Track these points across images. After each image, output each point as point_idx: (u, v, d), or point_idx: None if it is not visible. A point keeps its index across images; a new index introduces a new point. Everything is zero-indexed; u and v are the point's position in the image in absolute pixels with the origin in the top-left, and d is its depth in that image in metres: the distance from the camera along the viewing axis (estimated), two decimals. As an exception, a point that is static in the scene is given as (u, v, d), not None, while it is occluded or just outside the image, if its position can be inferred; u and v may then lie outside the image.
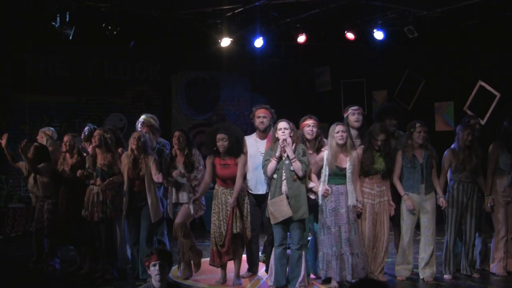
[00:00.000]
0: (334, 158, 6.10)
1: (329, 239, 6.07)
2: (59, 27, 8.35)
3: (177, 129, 6.76)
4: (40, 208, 7.13)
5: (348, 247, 6.05)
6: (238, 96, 12.07)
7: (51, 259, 7.09)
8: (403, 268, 6.53)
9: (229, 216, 6.17)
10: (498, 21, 8.73)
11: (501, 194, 6.67)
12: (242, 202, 6.28)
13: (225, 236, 6.18)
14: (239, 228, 6.17)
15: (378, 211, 6.35)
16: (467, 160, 6.49)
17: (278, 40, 10.69)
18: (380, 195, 6.36)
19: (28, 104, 10.26)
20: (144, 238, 6.49)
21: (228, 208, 6.18)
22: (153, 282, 4.40)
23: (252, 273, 6.68)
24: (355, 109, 6.63)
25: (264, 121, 6.45)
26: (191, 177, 6.47)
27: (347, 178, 6.11)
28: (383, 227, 6.36)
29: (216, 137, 6.18)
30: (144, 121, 7.19)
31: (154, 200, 6.47)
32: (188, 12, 9.18)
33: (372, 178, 6.34)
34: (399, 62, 10.66)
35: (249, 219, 6.31)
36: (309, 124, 6.32)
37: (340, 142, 6.08)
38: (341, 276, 6.06)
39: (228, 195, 6.21)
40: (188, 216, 6.53)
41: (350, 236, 6.08)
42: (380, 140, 6.23)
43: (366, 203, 6.30)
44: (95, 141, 6.63)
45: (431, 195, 6.48)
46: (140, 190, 6.49)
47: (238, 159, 6.21)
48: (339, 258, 6.04)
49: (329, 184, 6.11)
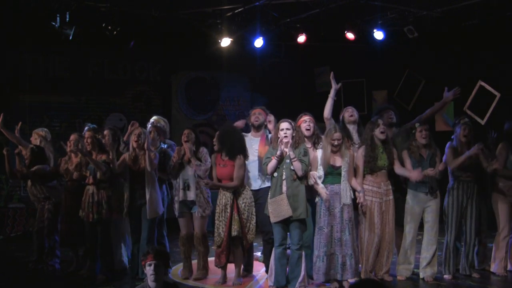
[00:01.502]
0: (328, 158, 6.11)
1: (319, 240, 6.07)
2: (59, 27, 8.35)
3: (187, 127, 6.81)
4: (42, 208, 7.16)
5: (339, 247, 6.04)
6: (238, 96, 12.06)
7: (50, 259, 7.10)
8: (404, 268, 6.53)
9: (228, 219, 6.20)
10: (498, 21, 8.73)
11: (506, 194, 6.67)
12: (244, 206, 6.29)
13: (223, 237, 6.22)
14: (237, 232, 6.19)
15: (385, 210, 6.35)
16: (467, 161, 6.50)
17: (278, 40, 10.68)
18: (387, 193, 6.36)
19: (28, 104, 10.26)
20: (145, 238, 6.51)
21: (227, 211, 6.22)
22: (148, 282, 4.41)
23: (247, 272, 6.69)
24: (349, 107, 6.84)
25: (259, 118, 6.66)
26: (196, 163, 6.44)
27: (342, 176, 6.10)
28: (388, 226, 6.36)
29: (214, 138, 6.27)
30: (154, 121, 7.21)
31: (153, 196, 6.48)
32: (188, 12, 9.18)
33: (377, 176, 6.33)
34: (399, 62, 10.66)
35: (252, 223, 6.33)
36: (306, 120, 6.35)
37: (335, 149, 6.12)
38: (328, 275, 6.06)
39: (228, 198, 6.25)
40: (204, 224, 6.58)
41: (343, 236, 6.06)
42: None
43: (374, 201, 6.30)
44: (88, 144, 6.65)
45: (436, 194, 6.48)
46: (140, 187, 6.51)
47: (236, 160, 6.27)
48: (328, 258, 6.04)
49: (325, 184, 6.11)
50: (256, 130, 6.69)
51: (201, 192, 6.49)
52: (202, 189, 6.49)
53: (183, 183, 6.53)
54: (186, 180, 6.52)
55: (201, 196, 6.47)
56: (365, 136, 6.42)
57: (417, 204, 6.45)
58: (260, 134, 6.67)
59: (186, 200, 6.55)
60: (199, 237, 6.52)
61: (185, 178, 6.53)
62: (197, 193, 6.48)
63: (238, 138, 6.41)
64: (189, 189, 6.51)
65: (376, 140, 6.36)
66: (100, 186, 6.59)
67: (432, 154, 6.46)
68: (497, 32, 8.95)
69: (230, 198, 6.25)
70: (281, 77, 11.77)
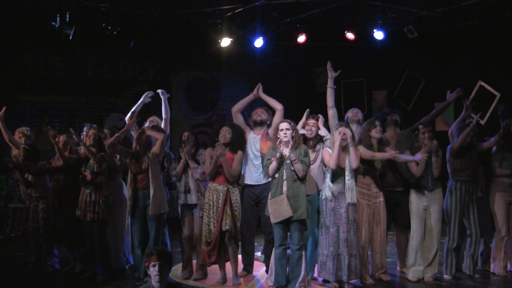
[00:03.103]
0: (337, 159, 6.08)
1: (327, 239, 6.07)
2: (59, 27, 8.36)
3: (186, 130, 6.88)
4: (34, 208, 7.16)
5: (346, 248, 6.04)
6: (238, 96, 11.97)
7: (49, 259, 7.10)
8: (416, 269, 6.48)
9: (220, 213, 6.21)
10: (498, 21, 8.73)
11: (503, 194, 6.68)
12: (235, 202, 6.32)
13: (213, 233, 6.22)
14: (229, 226, 6.20)
15: (374, 212, 6.36)
16: (468, 159, 6.51)
17: (278, 40, 10.69)
18: (376, 196, 6.37)
19: (28, 104, 10.26)
20: (153, 239, 6.49)
21: (219, 206, 6.22)
22: (152, 283, 4.40)
23: (247, 272, 6.71)
24: (354, 108, 6.99)
25: (261, 116, 6.72)
26: (192, 165, 6.46)
27: (346, 176, 6.09)
28: (378, 228, 6.37)
29: (221, 129, 6.40)
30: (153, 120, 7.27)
31: (157, 193, 6.46)
32: (188, 12, 9.18)
33: (368, 178, 6.34)
34: (399, 62, 10.66)
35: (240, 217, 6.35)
36: (309, 123, 6.48)
37: (343, 143, 6.08)
38: (336, 276, 6.06)
39: (221, 193, 6.25)
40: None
41: (349, 237, 6.06)
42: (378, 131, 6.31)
43: (362, 203, 6.32)
44: (89, 140, 6.66)
45: (439, 193, 6.48)
46: (143, 187, 6.51)
47: (236, 154, 6.32)
48: (335, 258, 6.04)
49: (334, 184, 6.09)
50: (258, 127, 6.72)
51: (202, 195, 6.49)
52: (202, 192, 6.49)
53: (184, 186, 6.54)
54: (187, 183, 6.53)
55: (202, 198, 6.47)
56: (361, 136, 6.43)
57: (421, 203, 6.45)
58: (262, 131, 6.70)
59: (187, 203, 6.55)
60: (198, 237, 6.52)
61: (186, 181, 6.54)
62: (198, 196, 6.50)
63: (242, 134, 6.52)
64: (190, 192, 6.51)
65: (372, 140, 6.38)
66: (97, 186, 6.59)
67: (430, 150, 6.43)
68: (497, 32, 8.95)
69: (223, 193, 6.25)
70: (281, 77, 11.76)
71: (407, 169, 6.48)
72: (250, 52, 10.52)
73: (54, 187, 6.94)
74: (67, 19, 8.34)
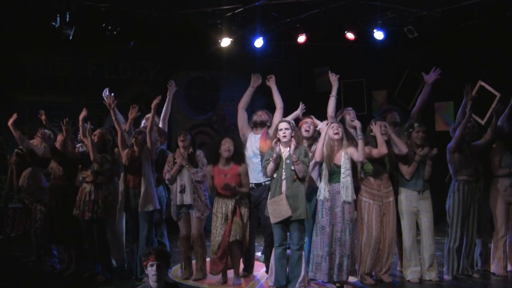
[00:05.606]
0: (331, 156, 6.09)
1: (322, 240, 6.06)
2: (59, 27, 8.36)
3: (183, 129, 6.86)
4: (35, 209, 7.22)
5: (339, 247, 6.03)
6: (238, 96, 11.92)
7: (48, 258, 7.12)
8: (413, 270, 6.48)
9: (228, 224, 6.22)
10: (498, 21, 8.73)
11: (503, 194, 6.67)
12: (244, 212, 6.33)
13: (220, 243, 6.22)
14: (239, 236, 6.21)
15: (385, 212, 6.35)
16: (468, 158, 6.51)
17: (278, 40, 10.68)
18: (387, 196, 6.36)
19: (28, 104, 10.24)
20: (144, 237, 6.51)
21: (228, 219, 6.24)
22: (150, 282, 4.40)
23: (247, 272, 6.71)
24: (350, 110, 6.90)
25: (262, 117, 6.77)
26: (192, 171, 6.48)
27: (341, 174, 6.05)
28: (388, 228, 6.36)
29: (223, 141, 6.34)
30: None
31: (149, 189, 6.49)
32: (188, 12, 9.18)
33: (379, 179, 6.33)
34: (399, 62, 10.65)
35: (248, 225, 6.38)
36: (307, 121, 6.53)
37: (336, 137, 6.08)
38: (329, 276, 6.06)
39: (229, 205, 6.26)
40: (201, 225, 6.60)
41: (343, 237, 6.04)
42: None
43: (373, 204, 6.31)
44: (95, 138, 6.66)
45: (427, 194, 6.47)
46: (134, 185, 6.54)
47: (241, 167, 6.32)
48: (328, 258, 6.03)
49: (329, 183, 6.09)
50: (258, 127, 6.74)
51: (199, 196, 6.49)
52: (200, 193, 6.49)
53: (180, 186, 6.53)
54: (182, 183, 6.52)
55: (199, 200, 6.48)
56: (367, 139, 6.38)
57: (410, 204, 6.44)
58: (262, 131, 6.72)
59: (182, 204, 6.54)
60: (196, 237, 6.53)
61: (182, 181, 6.53)
62: (194, 198, 6.49)
63: (242, 146, 6.58)
64: (185, 192, 6.49)
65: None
66: (97, 186, 6.59)
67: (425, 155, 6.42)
68: (497, 32, 8.94)
69: (232, 205, 6.26)
70: (281, 77, 11.73)
71: (397, 170, 6.46)
72: (250, 52, 10.51)
73: (51, 186, 6.96)
74: (67, 19, 8.34)
